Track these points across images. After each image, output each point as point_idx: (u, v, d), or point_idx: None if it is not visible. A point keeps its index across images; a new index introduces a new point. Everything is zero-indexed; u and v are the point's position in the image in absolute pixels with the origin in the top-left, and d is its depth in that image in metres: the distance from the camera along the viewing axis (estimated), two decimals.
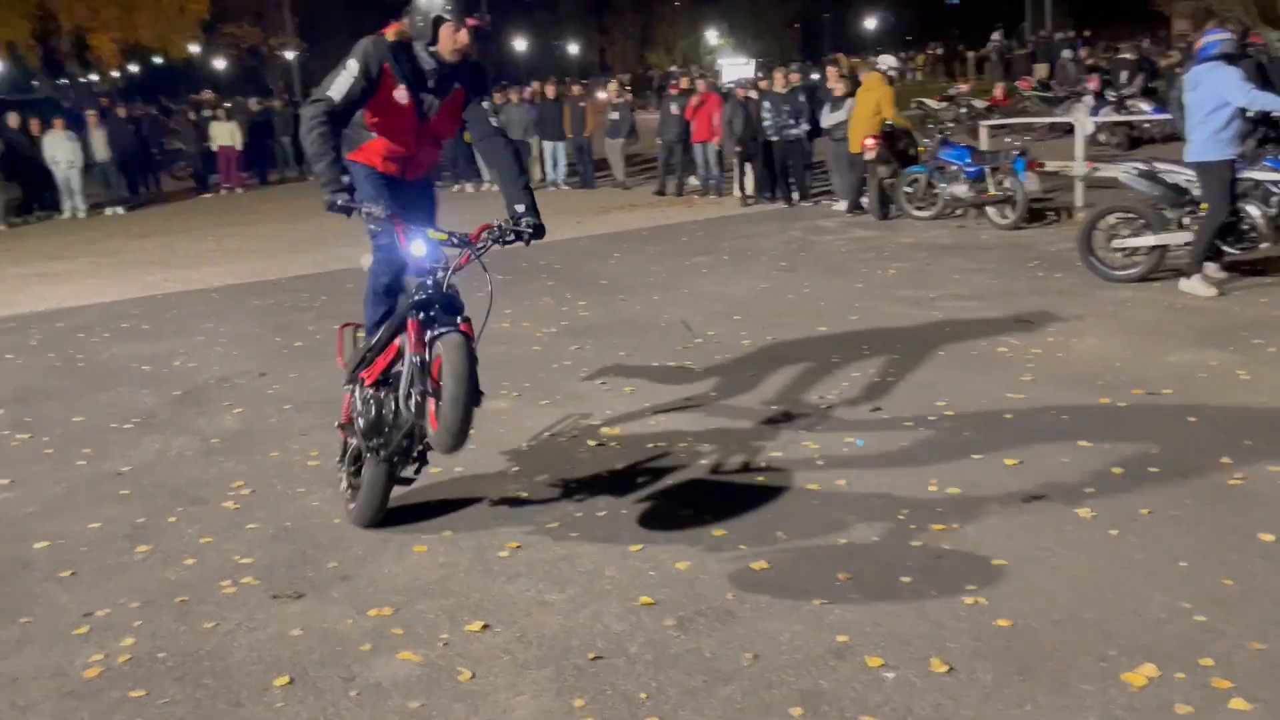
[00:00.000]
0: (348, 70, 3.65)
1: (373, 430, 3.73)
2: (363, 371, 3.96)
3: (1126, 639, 2.90)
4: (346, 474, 4.07)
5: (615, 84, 19.54)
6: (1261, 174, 6.95)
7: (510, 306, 8.04)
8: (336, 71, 3.69)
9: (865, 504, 3.94)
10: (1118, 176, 8.00)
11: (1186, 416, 4.66)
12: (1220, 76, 6.68)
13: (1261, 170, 6.96)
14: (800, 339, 6.50)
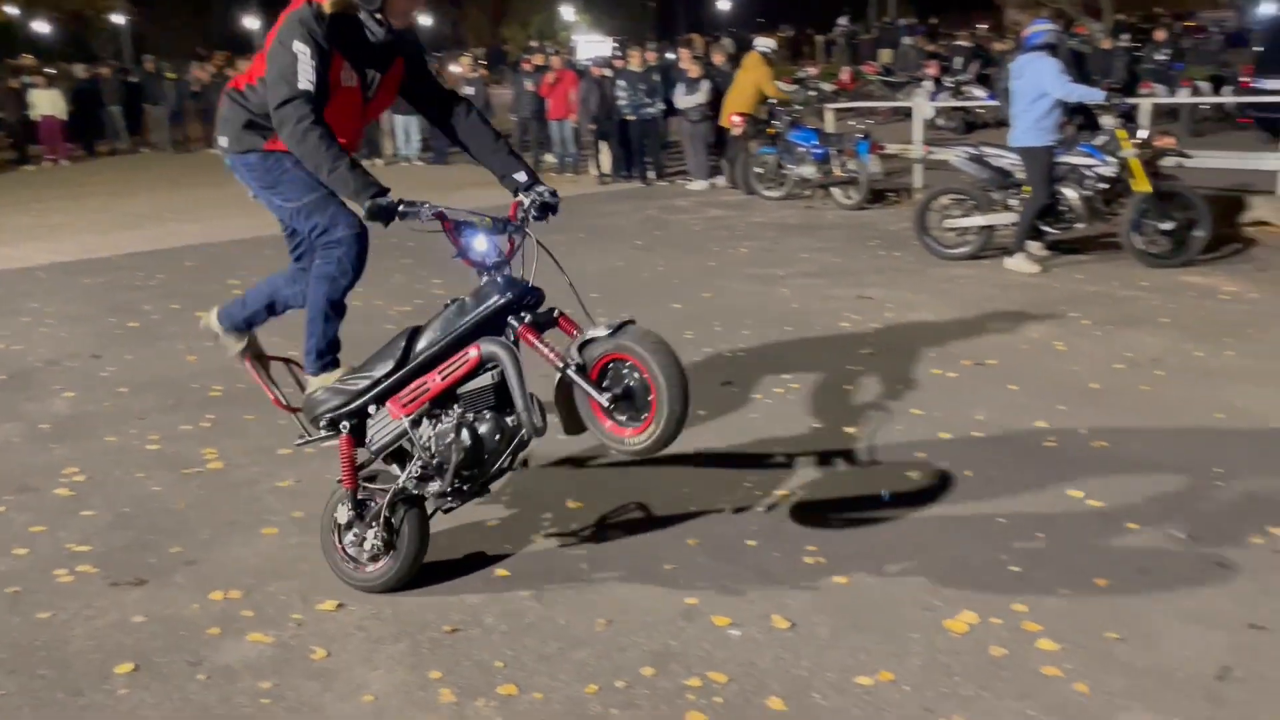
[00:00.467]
0: (299, 54, 3.00)
1: (472, 461, 3.13)
2: (397, 399, 3.24)
3: (948, 589, 3.13)
4: (378, 533, 3.22)
5: (468, 59, 19.24)
6: (1078, 159, 7.46)
7: (362, 284, 7.87)
8: (284, 60, 3.03)
9: (714, 474, 4.09)
10: (949, 160, 8.46)
11: (1008, 384, 5.00)
12: (1041, 67, 7.13)
13: (1077, 155, 7.47)
14: (655, 316, 6.60)
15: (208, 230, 10.78)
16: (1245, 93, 13.47)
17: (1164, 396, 4.77)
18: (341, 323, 3.52)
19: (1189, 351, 5.42)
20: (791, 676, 2.74)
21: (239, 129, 3.42)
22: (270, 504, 3.98)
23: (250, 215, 11.49)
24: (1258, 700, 2.56)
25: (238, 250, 9.57)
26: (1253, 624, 2.88)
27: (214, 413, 5.08)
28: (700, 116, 12.13)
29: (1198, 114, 14.95)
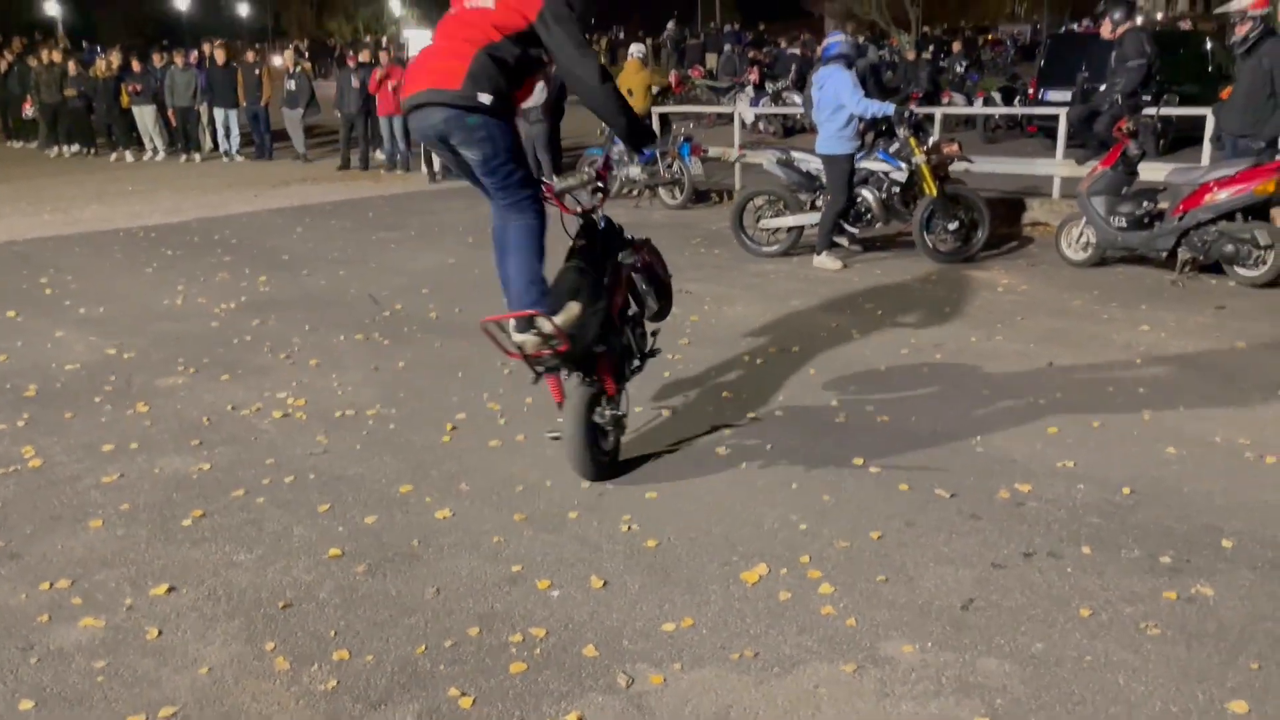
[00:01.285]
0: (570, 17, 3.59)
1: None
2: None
3: (745, 546, 3.52)
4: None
5: (291, 51, 18.82)
6: (875, 165, 8.14)
7: (183, 282, 7.78)
8: (571, 23, 3.58)
9: (539, 453, 4.35)
10: (762, 163, 9.01)
11: (808, 369, 5.49)
12: (838, 80, 7.74)
13: (875, 162, 8.14)
14: (485, 310, 6.76)
15: (9, 227, 10.33)
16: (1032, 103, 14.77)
17: (940, 376, 5.35)
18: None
19: (966, 337, 6.06)
20: (605, 628, 3.05)
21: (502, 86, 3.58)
22: (95, 498, 4.00)
23: (56, 211, 11.03)
24: (994, 624, 3.04)
25: (45, 247, 9.19)
26: (994, 563, 3.38)
27: (30, 411, 4.99)
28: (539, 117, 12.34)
29: (991, 122, 16.28)
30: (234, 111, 15.74)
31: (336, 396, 5.19)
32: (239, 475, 4.20)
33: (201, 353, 5.94)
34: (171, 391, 5.28)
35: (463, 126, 3.58)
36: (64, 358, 5.87)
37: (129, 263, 8.54)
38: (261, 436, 4.64)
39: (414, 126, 3.77)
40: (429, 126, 3.66)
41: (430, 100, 3.58)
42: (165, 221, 10.50)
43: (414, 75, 3.67)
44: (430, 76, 3.59)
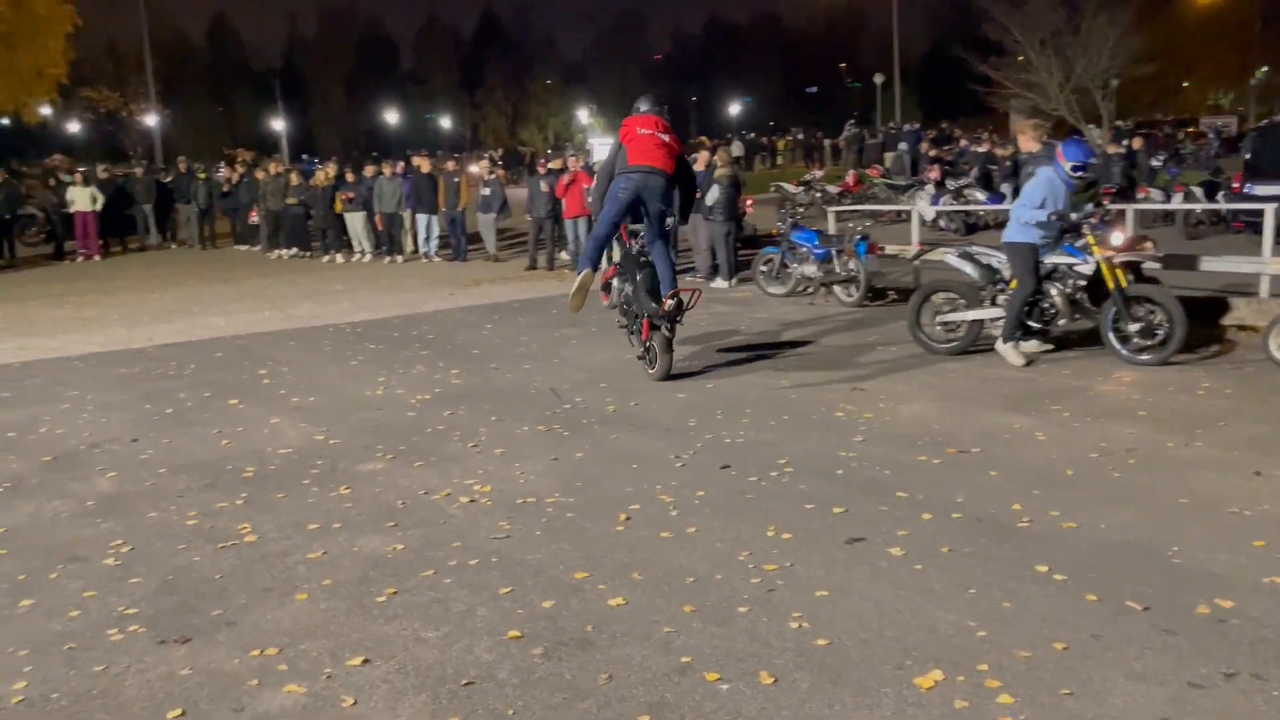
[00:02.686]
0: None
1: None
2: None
3: (920, 651, 3.44)
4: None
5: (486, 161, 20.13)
6: (1060, 259, 7.91)
7: (384, 374, 8.35)
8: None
9: (711, 548, 4.42)
10: (944, 259, 8.92)
11: (989, 471, 5.34)
12: (1032, 181, 7.73)
13: (1060, 255, 7.92)
14: (660, 405, 7.02)
15: (234, 323, 11.31)
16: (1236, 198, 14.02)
17: (1133, 483, 5.10)
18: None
19: (1161, 442, 5.75)
20: None
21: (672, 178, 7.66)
22: (301, 573, 4.33)
23: (274, 309, 12.10)
24: None
25: (263, 341, 10.06)
26: (1191, 683, 3.18)
27: (247, 491, 5.46)
28: (724, 215, 12.69)
29: (1192, 218, 15.53)
30: (434, 217, 16.91)
31: (519, 484, 5.43)
32: (429, 556, 4.45)
33: (398, 440, 6.35)
34: (371, 476, 5.67)
35: (664, 189, 7.42)
36: (278, 443, 6.41)
37: (336, 356, 9.25)
38: (450, 520, 4.91)
39: (640, 181, 7.36)
40: (653, 184, 7.38)
41: (657, 171, 7.38)
42: (369, 318, 11.32)
43: (645, 157, 7.40)
44: (656, 161, 7.39)
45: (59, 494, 5.55)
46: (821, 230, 12.21)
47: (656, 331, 7.57)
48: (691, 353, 8.80)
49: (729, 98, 68.45)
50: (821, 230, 12.21)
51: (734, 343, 9.23)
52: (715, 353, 8.78)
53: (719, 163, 13.20)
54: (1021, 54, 25.28)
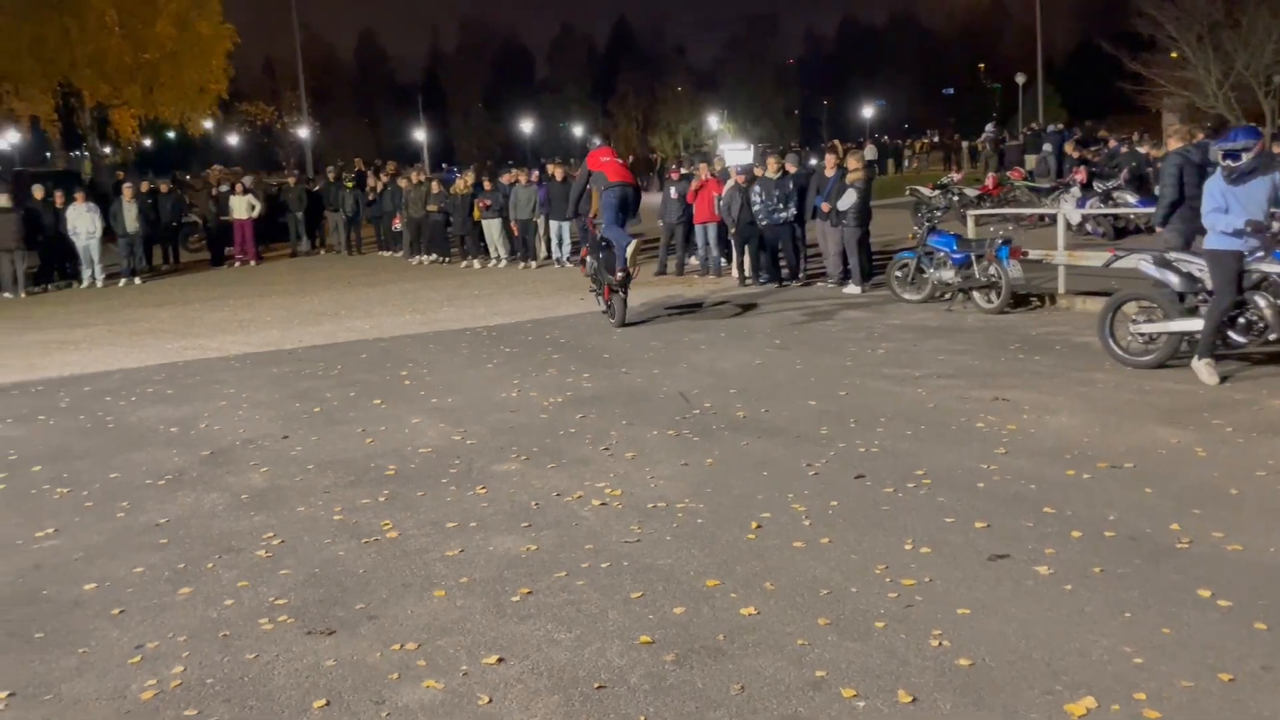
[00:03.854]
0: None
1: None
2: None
3: (1071, 676, 3.27)
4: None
5: None
6: (1270, 266, 7.18)
7: (518, 377, 8.50)
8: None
9: (846, 559, 4.31)
10: (1138, 267, 8.31)
11: (1144, 487, 5.05)
12: (1208, 181, 7.30)
13: (1271, 263, 7.18)
14: (792, 412, 6.92)
15: (378, 326, 11.73)
16: None
17: None
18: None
19: None
20: None
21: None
22: (439, 570, 4.43)
23: (416, 313, 12.50)
24: None
25: (405, 344, 10.39)
26: None
27: (389, 489, 5.63)
28: (857, 220, 12.47)
29: None
30: (567, 223, 17.16)
31: (649, 489, 5.43)
32: (561, 558, 4.50)
33: (532, 442, 6.45)
34: (506, 476, 5.77)
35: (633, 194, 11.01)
36: (418, 442, 6.60)
37: (473, 358, 9.48)
38: (582, 523, 4.95)
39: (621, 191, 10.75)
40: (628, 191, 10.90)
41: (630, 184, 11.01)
42: (504, 322, 11.57)
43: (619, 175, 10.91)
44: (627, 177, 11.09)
45: (216, 487, 5.85)
46: (960, 234, 11.84)
47: (615, 294, 10.86)
48: (822, 359, 8.66)
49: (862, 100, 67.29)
50: (960, 234, 11.84)
51: (866, 349, 9.03)
52: (846, 359, 8.61)
53: (851, 166, 12.95)
54: (1176, 49, 23.97)
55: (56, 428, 7.52)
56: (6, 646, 3.86)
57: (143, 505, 5.56)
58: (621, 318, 10.82)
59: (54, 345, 11.49)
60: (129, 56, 29.31)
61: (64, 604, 4.25)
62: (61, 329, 12.79)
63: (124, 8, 28.85)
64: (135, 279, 17.91)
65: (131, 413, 7.90)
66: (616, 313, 10.86)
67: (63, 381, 9.30)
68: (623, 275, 10.61)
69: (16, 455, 6.74)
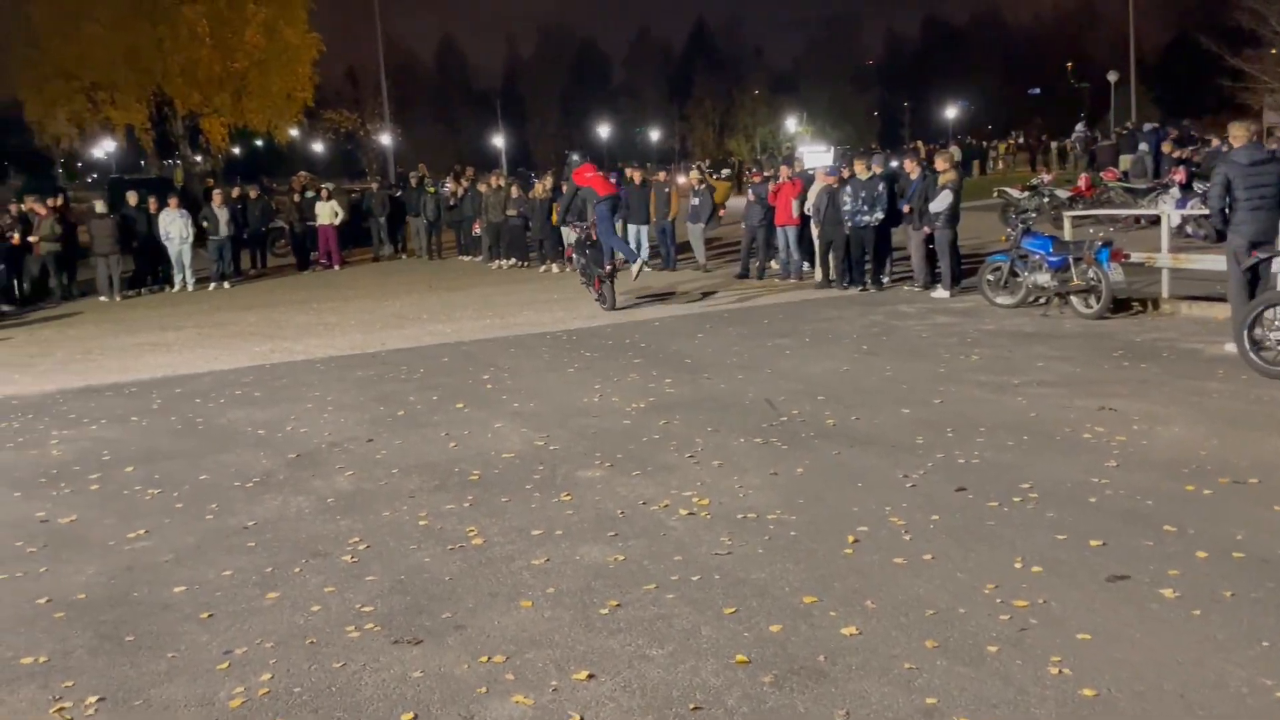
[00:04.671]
0: None
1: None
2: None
3: (1206, 710, 3.01)
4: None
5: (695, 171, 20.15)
6: None
7: (599, 382, 8.39)
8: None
9: (952, 578, 4.09)
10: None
11: (1272, 505, 4.71)
12: None
13: None
14: (884, 420, 6.68)
15: (460, 329, 11.75)
16: None
17: None
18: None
19: None
20: None
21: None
22: (526, 579, 4.32)
23: (496, 317, 12.52)
24: None
25: (486, 348, 10.38)
26: None
27: (473, 494, 5.56)
28: (947, 222, 12.12)
29: None
30: (645, 227, 17.06)
31: (738, 498, 5.26)
32: (650, 569, 4.35)
33: (615, 448, 6.33)
34: (591, 483, 5.65)
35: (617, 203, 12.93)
36: (502, 447, 6.53)
37: (554, 362, 9.41)
38: (670, 533, 4.80)
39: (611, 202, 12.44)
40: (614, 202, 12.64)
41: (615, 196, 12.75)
42: (585, 326, 11.50)
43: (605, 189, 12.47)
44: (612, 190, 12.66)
45: (302, 490, 5.85)
46: (1056, 236, 11.41)
47: (605, 283, 12.36)
48: (913, 364, 8.37)
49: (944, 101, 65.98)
50: (1056, 236, 11.41)
51: (959, 355, 8.71)
52: (938, 365, 8.31)
53: (941, 167, 12.59)
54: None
55: (149, 429, 7.64)
56: (98, 649, 3.86)
57: (231, 507, 5.58)
58: (612, 303, 12.38)
59: (147, 347, 11.75)
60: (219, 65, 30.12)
61: (154, 606, 4.25)
62: (155, 331, 13.10)
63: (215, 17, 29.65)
64: (224, 283, 18.31)
65: (221, 414, 7.99)
66: (608, 299, 12.40)
67: (155, 383, 9.48)
68: (610, 269, 12.42)
69: (110, 456, 6.85)
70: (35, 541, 5.16)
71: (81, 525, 5.41)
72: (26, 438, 7.50)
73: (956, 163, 14.60)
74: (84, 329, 13.71)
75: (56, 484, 6.22)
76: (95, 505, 5.77)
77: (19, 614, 4.23)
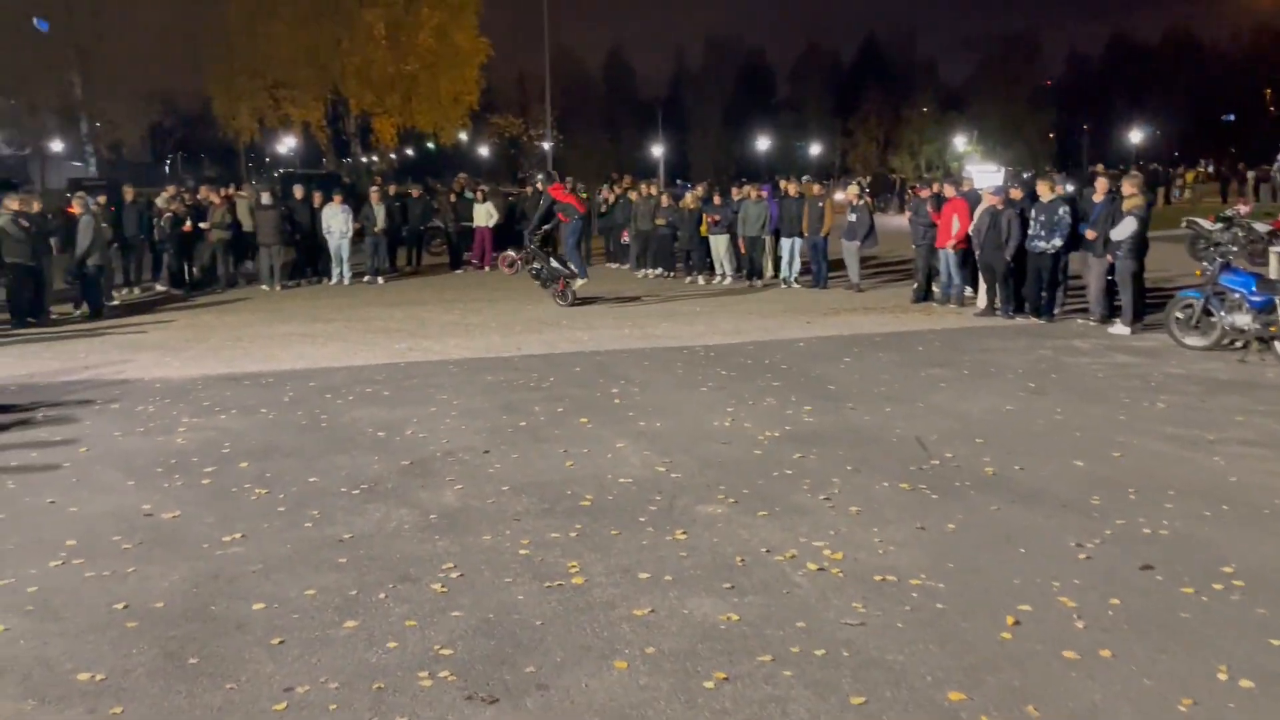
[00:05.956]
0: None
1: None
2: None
3: None
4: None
5: (855, 186, 19.28)
6: None
7: (732, 404, 7.83)
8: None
9: (1135, 683, 3.35)
10: None
11: None
12: None
13: None
14: (1053, 472, 5.87)
15: (597, 338, 11.40)
16: None
17: None
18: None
19: None
20: None
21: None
22: (624, 633, 3.82)
23: (634, 327, 12.12)
24: None
25: (620, 359, 9.96)
26: None
27: (581, 523, 5.10)
28: (1131, 251, 11.00)
29: None
30: (797, 241, 16.37)
31: (877, 555, 4.62)
32: (767, 635, 3.78)
33: (742, 482, 5.76)
34: (710, 522, 5.11)
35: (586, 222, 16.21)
36: (620, 470, 6.06)
37: (687, 379, 8.91)
38: (794, 591, 4.21)
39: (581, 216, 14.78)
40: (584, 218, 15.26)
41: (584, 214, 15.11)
42: (723, 342, 10.95)
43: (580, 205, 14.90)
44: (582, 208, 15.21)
45: (407, 502, 5.53)
46: (1260, 274, 10.15)
47: (568, 283, 13.94)
48: (1088, 409, 7.45)
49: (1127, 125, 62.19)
50: (1260, 274, 10.15)
51: (1141, 401, 7.73)
52: (1118, 412, 7.37)
53: (1127, 192, 11.44)
54: None
55: (274, 423, 7.55)
56: (158, 670, 3.58)
57: (332, 516, 5.30)
58: (571, 300, 14.06)
59: (295, 338, 11.89)
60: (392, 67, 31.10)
61: (228, 624, 3.96)
62: (305, 322, 13.30)
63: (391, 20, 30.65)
64: (378, 279, 18.62)
65: (346, 412, 7.84)
66: (568, 297, 14.08)
67: (292, 374, 9.48)
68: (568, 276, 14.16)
69: (230, 449, 6.74)
70: (133, 537, 5.00)
71: (182, 523, 5.24)
72: (157, 423, 7.52)
73: (1144, 188, 13.33)
74: (241, 315, 14.07)
75: (170, 475, 6.12)
76: (201, 502, 5.61)
77: (93, 620, 4.01)
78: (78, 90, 32.79)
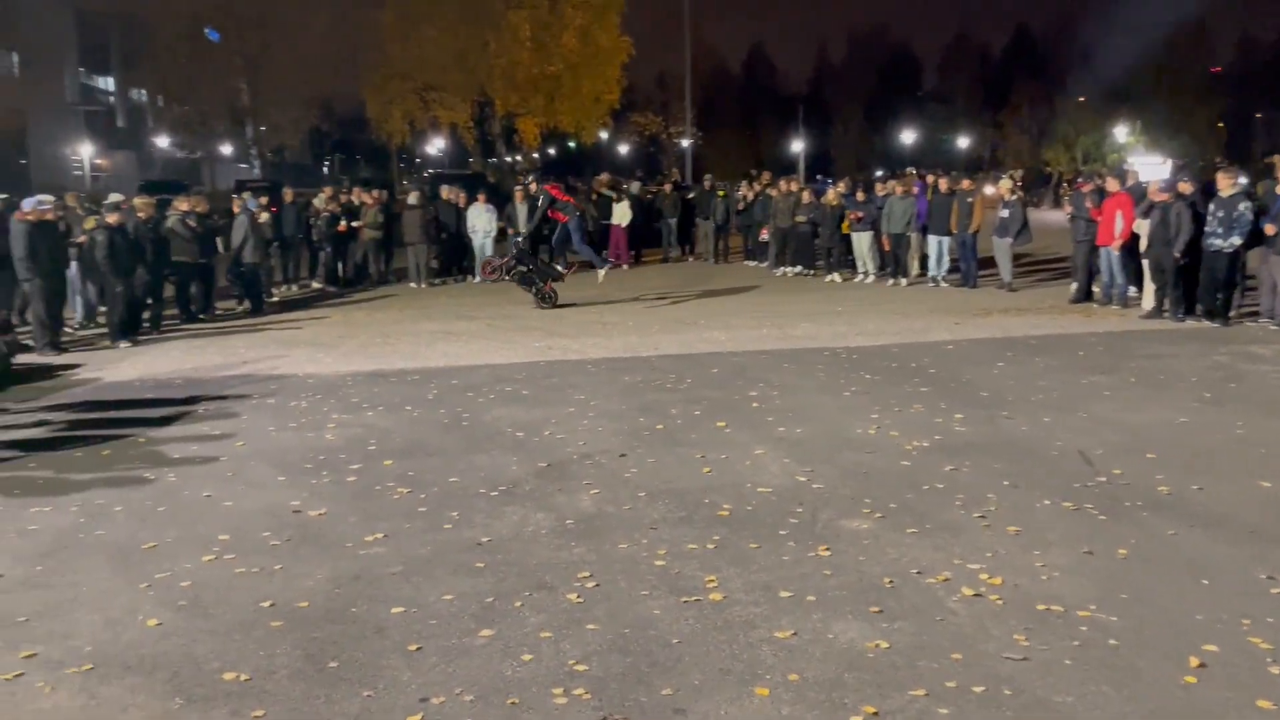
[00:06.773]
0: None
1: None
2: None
3: None
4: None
5: (1008, 180, 18.42)
6: None
7: (877, 410, 7.52)
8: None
9: None
10: None
11: None
12: None
13: None
14: (1236, 494, 5.37)
15: (734, 338, 11.21)
16: None
17: None
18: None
19: None
20: None
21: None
22: (765, 656, 3.65)
23: (774, 327, 11.86)
24: None
25: (759, 361, 9.75)
26: None
27: (720, 534, 4.95)
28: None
29: None
30: (945, 239, 15.75)
31: (1040, 581, 4.29)
32: (919, 667, 3.54)
33: (889, 495, 5.49)
34: (855, 537, 4.87)
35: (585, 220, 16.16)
36: (759, 479, 5.87)
37: (829, 383, 8.62)
38: (949, 618, 3.94)
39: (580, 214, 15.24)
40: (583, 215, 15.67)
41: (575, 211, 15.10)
42: (867, 344, 10.59)
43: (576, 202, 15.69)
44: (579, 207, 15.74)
45: (544, 506, 5.49)
46: None
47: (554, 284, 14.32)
48: (1273, 423, 6.82)
49: None
50: None
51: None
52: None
53: None
54: None
55: (418, 420, 7.67)
56: (300, 673, 3.61)
57: (471, 518, 5.31)
58: (553, 302, 14.33)
59: (439, 335, 12.14)
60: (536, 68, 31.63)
61: (368, 628, 3.98)
62: (448, 320, 13.59)
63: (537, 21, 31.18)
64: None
65: (486, 411, 7.91)
66: (550, 299, 14.33)
67: (436, 372, 9.65)
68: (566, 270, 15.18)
69: (376, 446, 6.88)
70: (281, 534, 5.12)
71: (328, 521, 5.34)
72: (309, 419, 7.75)
73: None
74: (389, 313, 14.49)
75: (319, 472, 6.27)
76: (346, 499, 5.71)
77: (241, 618, 4.10)
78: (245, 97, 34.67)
